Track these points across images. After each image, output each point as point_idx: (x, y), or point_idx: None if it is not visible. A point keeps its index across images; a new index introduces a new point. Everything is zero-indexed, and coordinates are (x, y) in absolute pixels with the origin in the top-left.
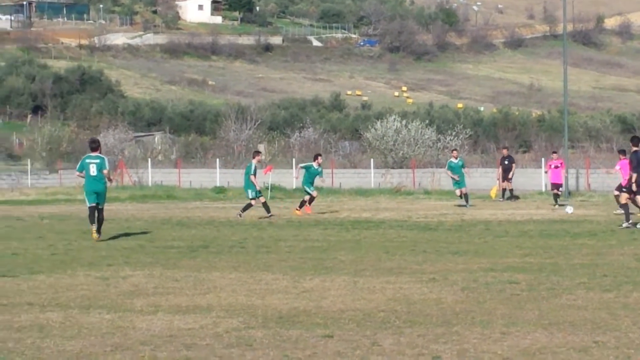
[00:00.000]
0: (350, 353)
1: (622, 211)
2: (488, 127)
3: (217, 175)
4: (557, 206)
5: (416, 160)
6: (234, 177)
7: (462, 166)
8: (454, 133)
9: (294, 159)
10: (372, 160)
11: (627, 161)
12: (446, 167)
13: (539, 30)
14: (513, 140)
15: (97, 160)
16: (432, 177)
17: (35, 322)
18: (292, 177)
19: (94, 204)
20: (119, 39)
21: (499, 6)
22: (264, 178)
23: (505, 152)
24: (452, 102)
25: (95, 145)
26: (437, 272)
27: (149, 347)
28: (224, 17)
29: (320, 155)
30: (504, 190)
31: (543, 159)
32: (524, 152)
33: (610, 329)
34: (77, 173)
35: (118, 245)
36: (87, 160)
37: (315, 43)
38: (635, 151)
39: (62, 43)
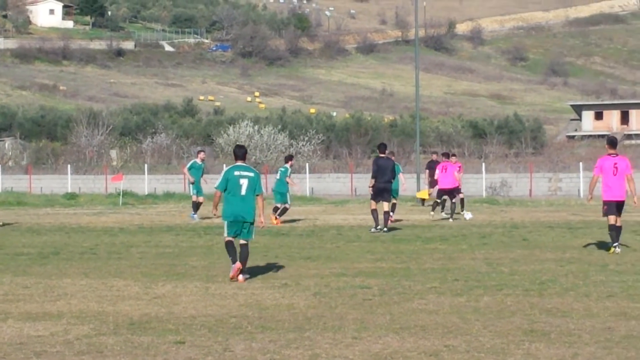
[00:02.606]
0: (202, 359)
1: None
2: (340, 132)
3: (69, 181)
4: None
5: (269, 165)
6: (85, 183)
7: (201, 170)
8: (306, 138)
9: (146, 165)
10: (224, 165)
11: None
12: (187, 167)
13: (391, 36)
14: (365, 146)
15: None
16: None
17: None
18: (143, 183)
19: None
20: None
21: (352, 11)
22: (114, 185)
23: (434, 157)
24: (304, 107)
25: None
26: (289, 278)
27: None
28: (76, 22)
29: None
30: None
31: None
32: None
33: (461, 333)
34: None
35: None
36: None
37: (168, 48)
38: (378, 157)
39: None
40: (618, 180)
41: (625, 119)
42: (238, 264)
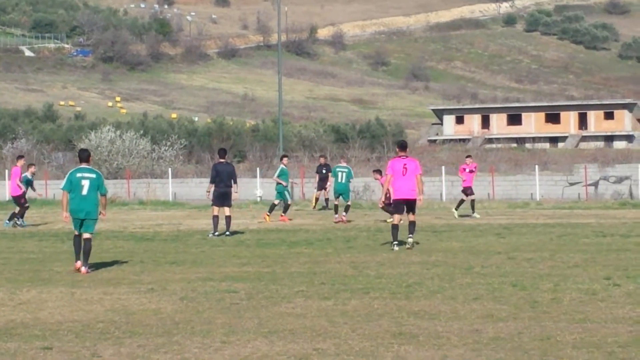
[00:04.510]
0: None
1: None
2: (203, 137)
3: None
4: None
5: (131, 170)
6: None
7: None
8: (168, 143)
9: (6, 171)
10: None
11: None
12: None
13: (252, 41)
14: (228, 150)
15: None
16: (148, 188)
17: None
18: (4, 189)
19: None
20: None
21: (213, 16)
22: None
23: (322, 160)
24: (166, 112)
25: None
26: (155, 283)
27: None
28: None
29: (286, 156)
30: (317, 199)
31: (258, 169)
32: (239, 162)
33: (330, 336)
34: None
35: None
36: None
37: (28, 53)
38: (218, 163)
39: None
40: (407, 180)
41: (486, 123)
42: (78, 263)
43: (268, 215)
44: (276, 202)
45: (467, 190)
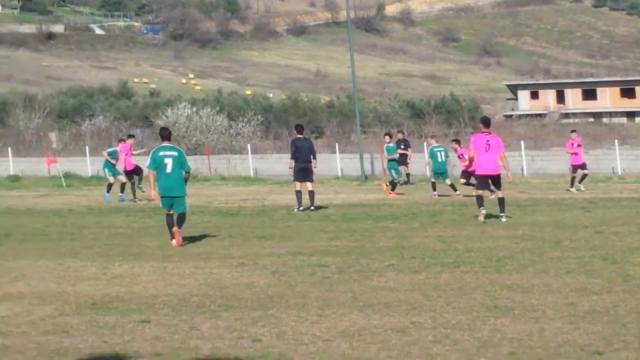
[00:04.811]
0: (169, 337)
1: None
2: (279, 113)
3: (10, 164)
4: (578, 189)
5: (210, 146)
6: (27, 166)
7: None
8: (245, 119)
9: (87, 147)
10: None
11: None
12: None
13: (320, 18)
14: (305, 127)
15: None
16: (228, 163)
17: None
18: (86, 165)
19: None
20: None
21: None
22: (55, 168)
23: (400, 135)
24: (240, 89)
25: None
26: (245, 257)
27: None
28: (3, 6)
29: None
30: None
31: (337, 145)
32: (317, 137)
33: (425, 309)
34: None
35: None
36: None
37: (98, 31)
38: (297, 138)
39: None
40: (490, 156)
41: (561, 98)
42: (175, 228)
43: (387, 186)
44: (397, 179)
45: (581, 166)
